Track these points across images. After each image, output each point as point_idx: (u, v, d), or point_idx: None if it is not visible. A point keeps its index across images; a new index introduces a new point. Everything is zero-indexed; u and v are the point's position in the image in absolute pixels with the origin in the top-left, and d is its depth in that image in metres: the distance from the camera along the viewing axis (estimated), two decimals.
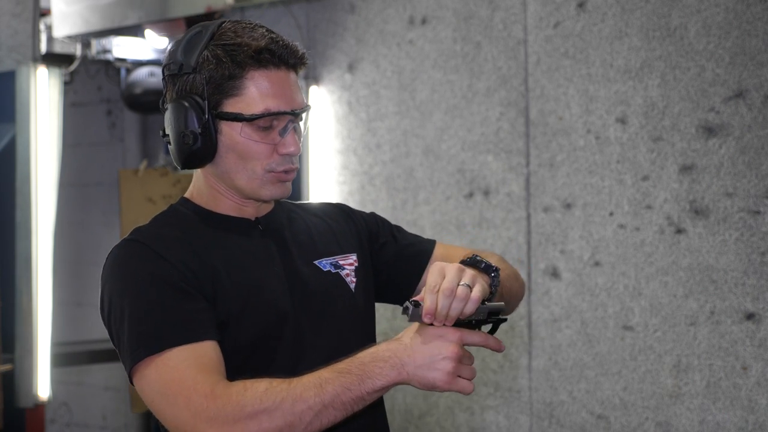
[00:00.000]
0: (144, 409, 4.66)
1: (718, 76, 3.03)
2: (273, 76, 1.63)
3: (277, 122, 1.64)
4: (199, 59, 1.62)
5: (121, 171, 4.63)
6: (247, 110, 1.62)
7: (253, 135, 1.63)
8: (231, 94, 1.62)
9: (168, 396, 1.53)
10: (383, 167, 3.84)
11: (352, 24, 3.93)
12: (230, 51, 1.61)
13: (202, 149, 1.64)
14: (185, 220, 1.71)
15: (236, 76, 1.62)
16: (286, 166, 1.67)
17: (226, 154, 1.65)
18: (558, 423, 3.39)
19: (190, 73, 1.63)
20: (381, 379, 1.49)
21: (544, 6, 3.40)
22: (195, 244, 1.65)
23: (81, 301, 5.39)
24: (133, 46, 4.62)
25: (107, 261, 1.66)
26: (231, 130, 1.63)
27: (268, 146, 1.65)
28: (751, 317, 2.97)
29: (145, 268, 1.60)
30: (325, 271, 1.76)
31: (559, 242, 3.37)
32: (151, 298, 1.57)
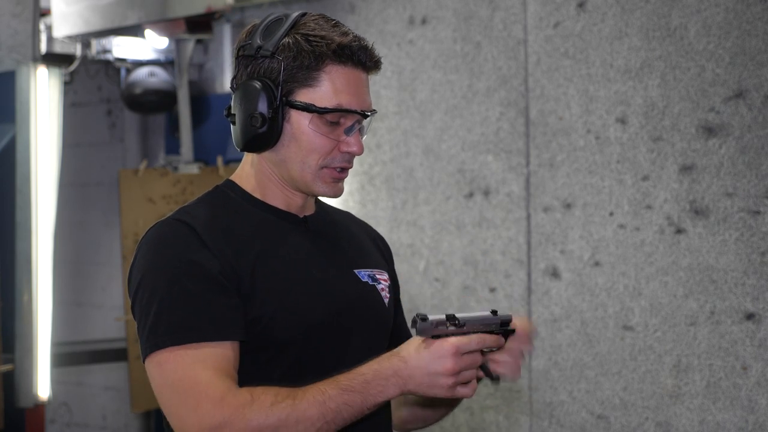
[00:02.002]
0: (144, 408, 4.66)
1: (718, 76, 3.03)
2: (350, 73, 1.63)
3: (344, 120, 1.64)
4: (279, 45, 1.61)
5: (121, 171, 4.64)
6: (319, 102, 1.61)
7: (321, 128, 1.63)
8: (306, 84, 1.62)
9: (179, 393, 1.53)
10: (383, 167, 3.84)
11: (352, 24, 3.93)
12: (312, 42, 1.61)
13: (267, 133, 1.63)
14: (233, 205, 1.69)
15: (314, 67, 1.61)
16: (344, 164, 1.67)
17: (289, 143, 1.64)
18: (558, 423, 3.39)
19: (267, 57, 1.62)
20: (382, 396, 1.53)
21: (544, 6, 3.40)
22: (240, 235, 1.64)
23: (81, 301, 5.39)
24: (133, 46, 4.63)
25: (149, 235, 1.64)
26: (300, 119, 1.63)
27: (332, 141, 1.64)
28: (751, 317, 2.97)
29: (186, 253, 1.59)
30: (363, 281, 1.74)
31: (559, 242, 3.37)
32: (185, 287, 1.57)
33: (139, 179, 4.54)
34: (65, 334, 4.90)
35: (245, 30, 1.69)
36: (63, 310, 5.00)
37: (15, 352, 4.30)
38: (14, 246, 4.33)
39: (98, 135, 5.39)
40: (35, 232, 4.29)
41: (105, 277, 5.26)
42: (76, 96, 5.30)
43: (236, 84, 1.67)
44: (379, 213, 3.85)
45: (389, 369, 1.53)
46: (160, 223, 1.65)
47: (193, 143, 4.60)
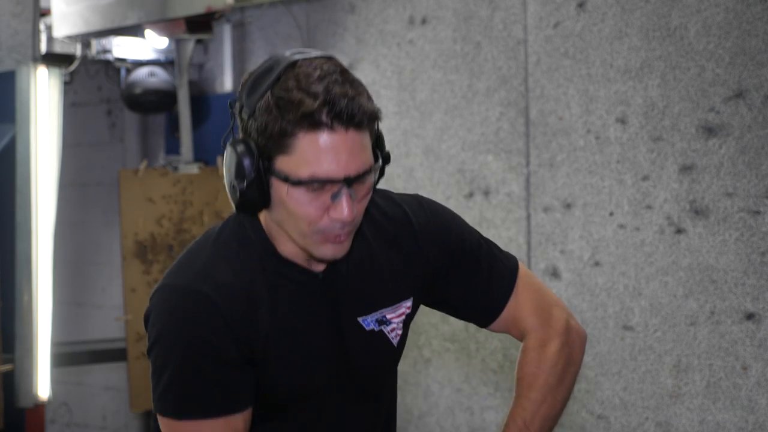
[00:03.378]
0: (144, 408, 4.66)
1: (718, 76, 3.03)
2: (326, 139, 1.47)
3: (330, 185, 1.50)
4: (257, 105, 1.50)
5: (121, 171, 4.63)
6: (294, 172, 1.48)
7: (302, 197, 1.50)
8: (281, 151, 1.49)
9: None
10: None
11: (352, 24, 3.93)
12: (281, 107, 1.47)
13: (253, 200, 1.53)
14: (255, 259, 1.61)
15: (287, 133, 1.47)
16: (336, 231, 1.53)
17: (279, 207, 1.54)
18: (558, 423, 3.38)
19: (248, 118, 1.51)
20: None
21: (544, 6, 3.40)
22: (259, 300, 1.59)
23: (81, 301, 5.39)
24: (133, 46, 4.63)
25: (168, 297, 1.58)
26: (279, 187, 1.51)
27: (318, 209, 1.51)
28: (751, 317, 2.97)
29: (204, 333, 1.55)
30: (368, 330, 1.67)
31: (559, 242, 3.37)
32: (200, 365, 1.55)
33: (139, 179, 4.54)
34: (65, 334, 4.90)
35: (242, 79, 1.59)
36: (63, 310, 5.00)
37: (15, 352, 4.30)
38: (14, 246, 4.33)
39: (98, 135, 5.39)
40: (35, 232, 4.29)
41: (105, 277, 5.26)
42: (76, 96, 5.30)
43: (225, 142, 1.57)
44: None
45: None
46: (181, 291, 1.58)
47: (193, 143, 4.60)
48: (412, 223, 1.72)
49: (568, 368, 1.75)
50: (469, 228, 1.77)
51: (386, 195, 1.76)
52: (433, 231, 1.73)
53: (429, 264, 1.72)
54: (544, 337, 1.76)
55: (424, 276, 1.72)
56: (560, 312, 1.79)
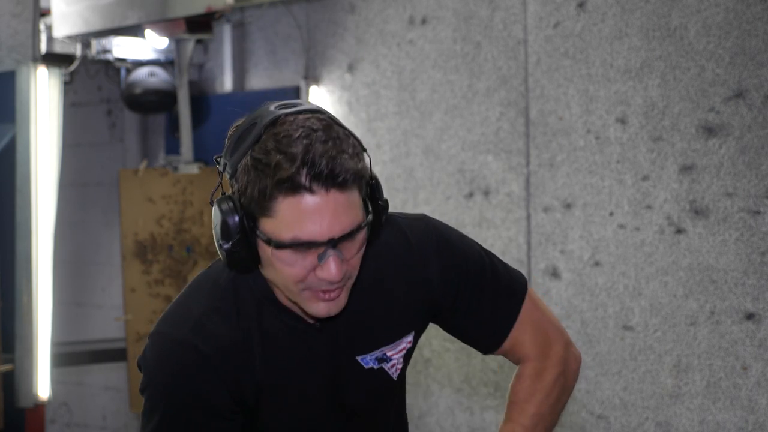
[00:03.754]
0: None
1: (718, 76, 3.03)
2: (306, 201, 1.42)
3: (315, 248, 1.45)
4: (237, 166, 1.46)
5: (121, 171, 4.63)
6: (276, 234, 1.44)
7: (287, 259, 1.46)
8: (264, 214, 1.44)
9: None
10: (383, 167, 3.84)
11: (352, 24, 3.93)
12: (261, 170, 1.43)
13: (242, 259, 1.50)
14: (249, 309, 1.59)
15: (266, 197, 1.43)
16: (326, 288, 1.49)
17: (267, 266, 1.50)
18: (558, 423, 3.38)
19: (230, 179, 1.48)
20: None
21: (544, 6, 3.40)
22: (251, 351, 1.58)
23: (81, 301, 5.39)
24: (133, 46, 4.63)
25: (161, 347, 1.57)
26: (264, 248, 1.47)
27: (304, 269, 1.47)
28: (751, 317, 2.97)
29: (195, 386, 1.55)
30: (367, 368, 1.65)
31: (559, 242, 3.37)
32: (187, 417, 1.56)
33: (139, 179, 4.54)
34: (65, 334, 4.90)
35: (230, 131, 1.52)
36: (63, 310, 5.00)
37: (15, 352, 4.30)
38: (14, 246, 4.33)
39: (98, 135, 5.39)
40: (35, 232, 4.29)
41: (105, 277, 5.26)
42: (76, 96, 5.30)
43: (213, 196, 1.53)
44: None
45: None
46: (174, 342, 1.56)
47: (193, 143, 4.60)
48: (414, 253, 1.66)
49: (561, 397, 1.75)
50: (475, 252, 1.71)
51: (391, 220, 1.66)
52: (437, 261, 1.67)
53: (432, 293, 1.67)
54: (542, 367, 1.72)
55: (425, 306, 1.68)
56: (560, 341, 1.74)
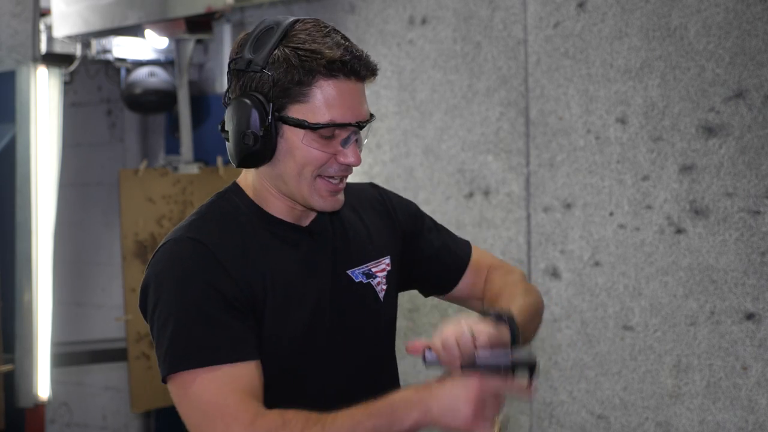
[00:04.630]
0: (144, 408, 4.66)
1: (718, 76, 3.03)
2: (342, 86, 1.59)
3: (339, 132, 1.61)
4: (269, 58, 1.59)
5: (121, 171, 4.63)
6: (311, 118, 1.58)
7: (315, 143, 1.60)
8: (297, 100, 1.59)
9: (208, 416, 1.53)
10: (383, 167, 3.84)
11: (352, 24, 3.93)
12: (302, 56, 1.57)
13: (261, 150, 1.61)
14: (241, 219, 1.68)
15: (305, 82, 1.58)
16: (340, 173, 1.65)
17: (284, 158, 1.62)
18: (558, 423, 3.39)
19: (258, 71, 1.59)
20: (408, 421, 1.53)
21: (544, 6, 3.40)
22: (251, 251, 1.63)
23: (81, 301, 5.39)
24: (133, 46, 4.62)
25: (163, 254, 1.62)
26: (293, 135, 1.60)
27: (327, 155, 1.62)
28: (751, 317, 2.97)
29: (203, 274, 1.58)
30: (357, 282, 1.74)
31: (559, 242, 3.37)
32: (204, 310, 1.56)
33: (139, 179, 4.54)
34: (65, 334, 4.90)
35: (237, 40, 1.66)
36: (63, 310, 5.00)
37: (15, 352, 4.30)
38: (14, 246, 4.33)
39: (98, 135, 5.39)
40: (35, 232, 4.29)
41: (105, 277, 5.26)
42: (76, 96, 5.30)
43: (228, 98, 1.65)
44: None
45: (416, 396, 1.55)
46: (174, 240, 1.63)
47: (193, 143, 4.60)
48: (380, 192, 1.87)
49: (530, 291, 1.88)
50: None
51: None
52: (397, 200, 1.88)
53: (399, 227, 1.84)
54: (506, 271, 1.92)
55: (394, 232, 1.84)
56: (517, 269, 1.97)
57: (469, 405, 1.52)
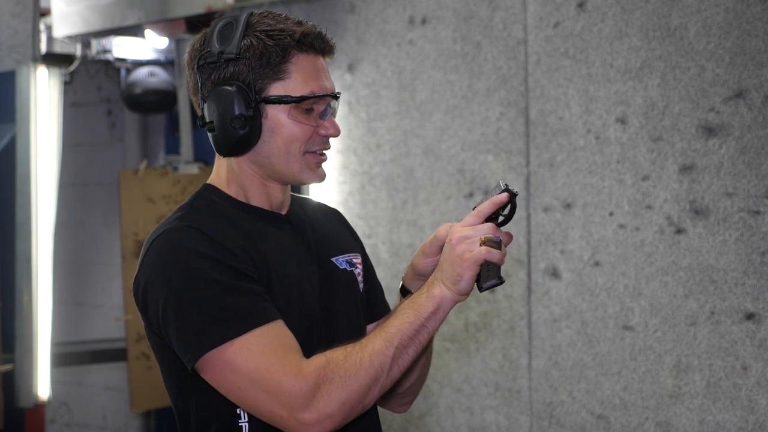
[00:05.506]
0: (143, 408, 4.66)
1: (718, 76, 3.03)
2: (313, 60, 1.68)
3: (317, 105, 1.69)
4: (241, 46, 1.65)
5: (121, 171, 4.64)
6: (293, 92, 1.66)
7: (298, 117, 1.67)
8: (276, 78, 1.66)
9: (257, 381, 1.55)
10: (383, 167, 3.84)
11: (352, 24, 3.93)
12: (275, 36, 1.65)
13: (249, 134, 1.66)
14: (224, 209, 1.71)
15: (281, 60, 1.65)
16: (324, 147, 1.72)
17: (270, 138, 1.68)
18: (558, 423, 3.39)
19: (232, 60, 1.65)
20: (429, 301, 1.58)
21: (544, 6, 3.40)
22: (241, 234, 1.67)
23: (81, 301, 5.39)
24: (133, 46, 4.63)
25: (160, 243, 1.63)
26: (277, 113, 1.67)
27: (310, 128, 1.68)
28: (751, 317, 2.97)
29: (207, 251, 1.60)
30: (341, 268, 1.79)
31: (559, 242, 3.37)
32: (222, 281, 1.58)
33: (139, 179, 4.54)
34: (65, 334, 4.90)
35: (196, 39, 1.71)
36: (63, 310, 5.01)
37: (15, 352, 4.30)
38: (14, 246, 4.33)
39: (98, 135, 5.39)
40: (35, 232, 4.29)
41: (105, 277, 5.27)
42: (76, 96, 5.30)
43: (205, 92, 1.68)
44: (379, 213, 3.85)
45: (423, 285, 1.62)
46: (169, 230, 1.65)
47: (193, 143, 4.60)
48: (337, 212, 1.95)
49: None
50: None
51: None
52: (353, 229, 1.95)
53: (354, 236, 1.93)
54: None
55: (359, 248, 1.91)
56: None
57: (460, 246, 1.58)
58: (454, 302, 1.58)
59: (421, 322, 1.57)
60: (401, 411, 1.95)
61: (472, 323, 3.56)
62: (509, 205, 1.62)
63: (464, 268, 1.56)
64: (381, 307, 1.92)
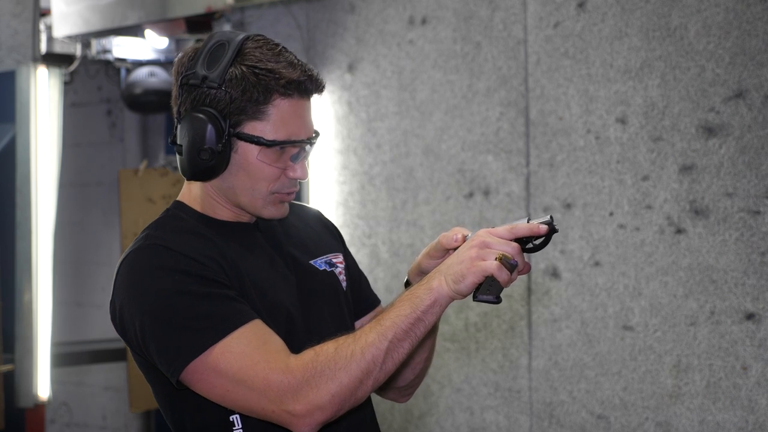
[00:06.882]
0: (143, 408, 4.65)
1: (718, 76, 3.03)
2: (296, 105, 1.65)
3: (290, 148, 1.66)
4: (226, 76, 1.62)
5: (121, 171, 4.64)
6: (267, 135, 1.63)
7: (268, 158, 1.65)
8: (254, 117, 1.63)
9: (245, 381, 1.55)
10: (383, 167, 3.84)
11: (352, 24, 3.93)
12: (260, 75, 1.62)
13: (215, 165, 1.65)
14: (192, 225, 1.71)
15: (262, 101, 1.62)
16: (291, 189, 1.70)
17: (237, 172, 1.66)
18: (558, 423, 3.39)
19: (215, 88, 1.63)
20: (427, 294, 1.55)
21: (544, 6, 3.40)
22: (209, 247, 1.66)
23: (81, 301, 5.39)
24: (133, 46, 4.63)
25: (128, 265, 1.64)
26: (247, 150, 1.64)
27: (278, 170, 1.66)
28: (751, 317, 2.97)
29: (175, 266, 1.60)
30: (321, 270, 1.79)
31: (559, 242, 3.37)
32: (193, 291, 1.58)
33: (139, 179, 4.54)
34: (65, 334, 4.90)
35: (185, 54, 1.69)
36: (63, 310, 5.01)
37: (15, 352, 4.30)
38: (14, 246, 4.33)
39: (98, 135, 5.39)
40: (35, 232, 4.29)
41: (105, 277, 5.26)
42: (76, 96, 5.30)
43: (181, 113, 1.67)
44: (379, 213, 3.85)
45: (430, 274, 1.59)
46: (135, 250, 1.65)
47: None
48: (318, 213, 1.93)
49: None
50: None
51: None
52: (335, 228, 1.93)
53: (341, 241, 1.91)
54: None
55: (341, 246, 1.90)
56: None
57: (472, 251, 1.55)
58: (451, 299, 1.56)
59: (417, 315, 1.54)
60: (402, 401, 1.94)
61: (472, 323, 3.56)
62: (544, 237, 1.60)
63: (470, 272, 1.53)
64: (368, 300, 1.91)
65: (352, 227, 3.92)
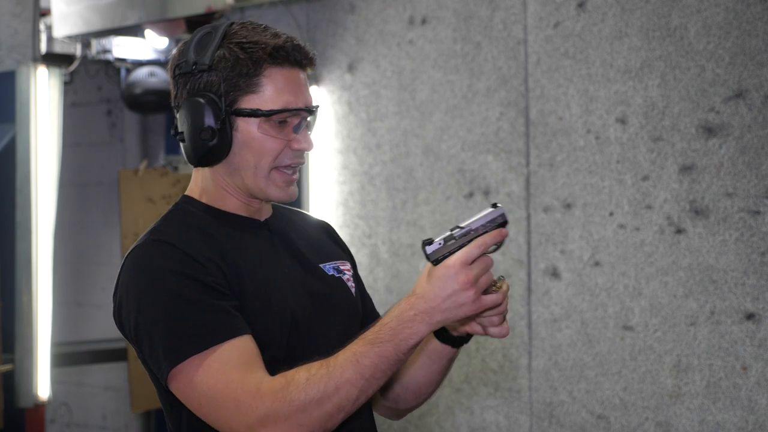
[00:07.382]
0: (144, 408, 4.65)
1: (718, 76, 3.03)
2: (288, 73, 1.66)
3: (291, 119, 1.67)
4: (215, 57, 1.65)
5: (121, 171, 4.63)
6: (264, 106, 1.64)
7: (270, 130, 1.65)
8: (248, 91, 1.64)
9: (216, 399, 1.54)
10: (383, 167, 3.84)
11: (352, 24, 3.93)
12: (248, 49, 1.64)
13: (219, 146, 1.65)
14: (199, 219, 1.70)
15: (254, 73, 1.64)
16: (296, 160, 1.69)
17: (240, 151, 1.66)
18: (558, 423, 3.39)
19: (205, 71, 1.65)
20: (414, 337, 1.52)
21: (544, 6, 3.40)
22: (216, 244, 1.66)
23: (81, 301, 5.39)
24: (133, 46, 4.63)
25: (131, 261, 1.64)
26: (248, 126, 1.65)
27: (282, 141, 1.66)
28: (751, 317, 2.97)
29: (176, 266, 1.60)
30: (329, 274, 1.78)
31: (559, 242, 3.37)
32: (187, 297, 1.57)
33: (139, 179, 4.54)
34: (65, 334, 4.90)
35: (177, 49, 1.71)
36: (63, 310, 5.01)
37: (15, 352, 4.30)
38: (14, 246, 4.33)
39: (98, 135, 5.39)
40: (35, 232, 4.29)
41: (105, 277, 5.26)
42: (76, 96, 5.30)
43: (178, 103, 1.69)
44: (379, 213, 3.85)
45: (410, 309, 1.53)
46: (139, 246, 1.65)
47: None
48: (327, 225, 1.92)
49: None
50: None
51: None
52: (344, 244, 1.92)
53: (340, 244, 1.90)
54: None
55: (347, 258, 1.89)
56: None
57: (466, 289, 1.51)
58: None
59: (399, 357, 1.52)
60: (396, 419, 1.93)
61: None
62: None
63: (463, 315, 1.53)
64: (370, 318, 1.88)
65: (352, 227, 3.92)
